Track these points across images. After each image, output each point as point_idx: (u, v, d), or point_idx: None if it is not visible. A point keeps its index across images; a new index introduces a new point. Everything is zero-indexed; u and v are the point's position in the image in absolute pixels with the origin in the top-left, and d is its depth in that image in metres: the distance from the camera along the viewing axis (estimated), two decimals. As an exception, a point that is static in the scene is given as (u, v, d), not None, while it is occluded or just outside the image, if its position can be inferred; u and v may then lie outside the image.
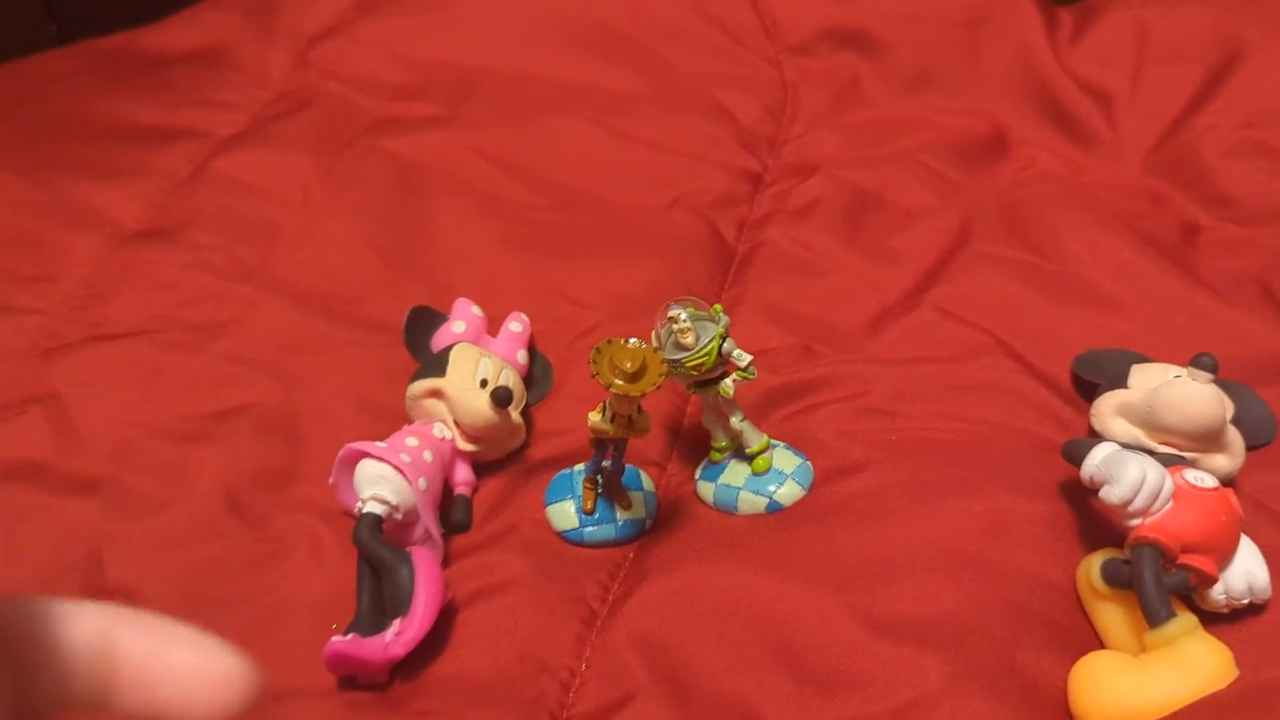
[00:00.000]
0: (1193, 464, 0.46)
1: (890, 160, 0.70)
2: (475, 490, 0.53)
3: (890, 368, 0.56)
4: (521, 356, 0.57)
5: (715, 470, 0.52)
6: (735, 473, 0.52)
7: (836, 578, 0.46)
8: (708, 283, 0.64)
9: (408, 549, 0.46)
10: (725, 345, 0.48)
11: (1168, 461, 0.45)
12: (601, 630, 0.47)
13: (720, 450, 0.52)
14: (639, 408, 0.47)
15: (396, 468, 0.47)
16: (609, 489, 0.51)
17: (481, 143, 0.72)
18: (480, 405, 0.51)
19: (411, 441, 0.49)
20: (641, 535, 0.51)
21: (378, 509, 0.46)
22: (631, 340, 0.45)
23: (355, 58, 0.79)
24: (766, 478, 0.51)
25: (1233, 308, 0.59)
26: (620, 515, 0.51)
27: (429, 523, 0.48)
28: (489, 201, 0.68)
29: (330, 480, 0.50)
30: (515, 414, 0.53)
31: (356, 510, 0.47)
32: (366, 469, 0.47)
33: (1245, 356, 0.55)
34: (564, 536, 0.51)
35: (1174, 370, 0.49)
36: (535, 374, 0.58)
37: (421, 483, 0.48)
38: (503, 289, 0.63)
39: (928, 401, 0.54)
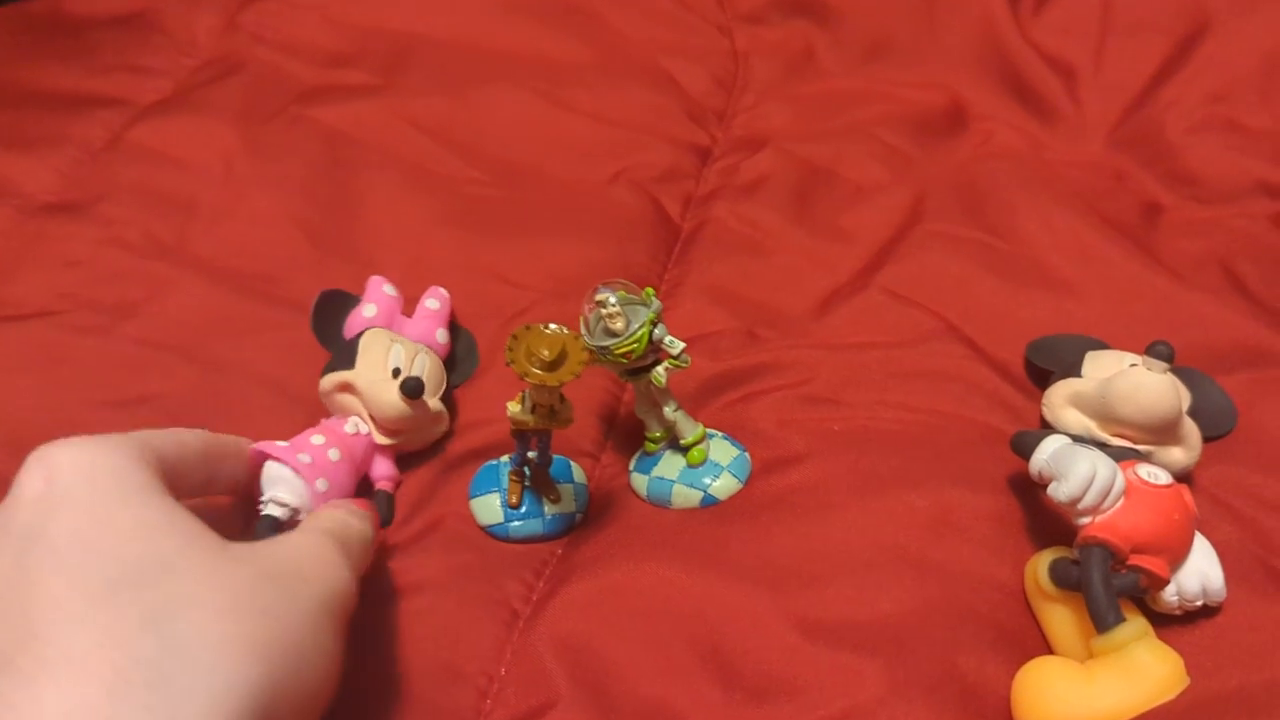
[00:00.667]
0: (1146, 458, 0.44)
1: (843, 134, 0.67)
2: (398, 485, 0.50)
3: (836, 353, 0.54)
4: (441, 336, 0.54)
5: (649, 462, 0.50)
6: (670, 465, 0.49)
7: (771, 577, 0.44)
8: (650, 263, 0.61)
9: None
10: (656, 331, 0.45)
11: (1120, 455, 0.43)
12: (523, 632, 0.44)
13: (655, 441, 0.50)
14: (561, 397, 0.44)
15: (294, 469, 0.44)
16: (537, 481, 0.48)
17: (416, 113, 0.68)
18: (391, 398, 0.48)
19: (316, 440, 0.47)
20: (571, 530, 0.49)
21: (276, 511, 0.44)
22: (551, 326, 0.42)
23: (287, 22, 0.76)
24: (702, 470, 0.49)
25: (1194, 291, 0.56)
26: (549, 509, 0.48)
27: None
28: (422, 175, 0.65)
29: None
30: (435, 401, 0.50)
31: (260, 510, 0.45)
32: (270, 470, 0.45)
33: (1207, 342, 0.53)
34: (489, 531, 0.48)
35: (1129, 358, 0.47)
36: (458, 353, 0.55)
37: (320, 484, 0.45)
38: (434, 267, 0.60)
39: (874, 389, 0.52)
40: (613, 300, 0.44)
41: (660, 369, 0.46)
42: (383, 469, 0.50)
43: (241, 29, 0.76)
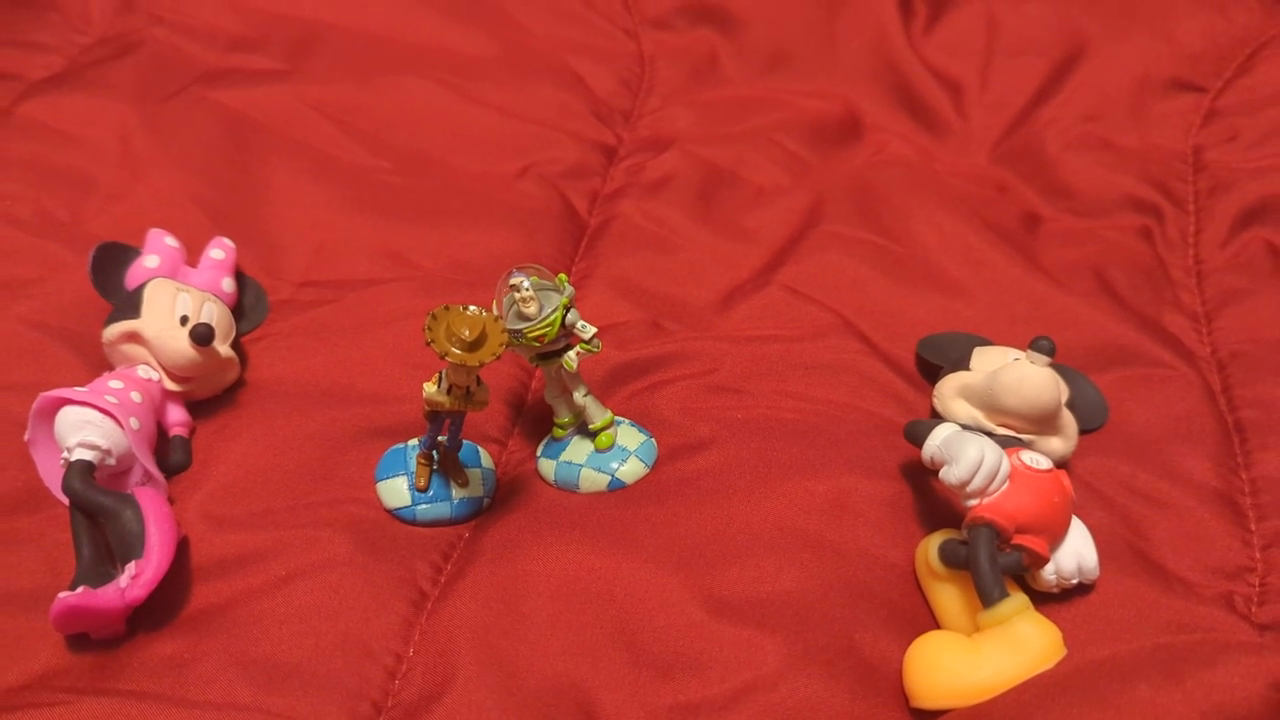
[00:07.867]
0: (1029, 446, 0.47)
1: (744, 138, 0.69)
2: (192, 431, 0.51)
3: (738, 345, 0.56)
4: (227, 285, 0.54)
5: (557, 447, 0.51)
6: (578, 450, 0.50)
7: (677, 557, 0.45)
8: (557, 255, 0.62)
9: (129, 491, 0.43)
10: (569, 316, 0.46)
11: (1005, 443, 0.46)
12: (432, 613, 0.44)
13: (563, 426, 0.51)
14: (478, 379, 0.45)
15: (103, 410, 0.44)
16: (445, 465, 0.48)
17: (321, 100, 0.68)
18: (181, 345, 0.48)
19: (115, 384, 0.47)
20: (478, 514, 0.49)
21: (87, 455, 0.43)
22: (471, 307, 0.43)
23: (187, 3, 0.74)
24: (609, 455, 0.50)
25: (1070, 295, 0.60)
26: (456, 493, 0.48)
27: (147, 464, 0.46)
28: (327, 162, 0.65)
29: (26, 436, 0.46)
30: (225, 348, 0.51)
31: (62, 462, 0.44)
32: (68, 416, 0.44)
33: (1080, 342, 0.57)
34: (395, 514, 0.48)
35: (1014, 353, 0.50)
36: (247, 303, 0.56)
37: (133, 422, 0.45)
38: (340, 252, 0.60)
39: (774, 380, 0.54)
40: (526, 284, 0.45)
41: (572, 354, 0.47)
42: (176, 415, 0.50)
43: (138, 9, 0.74)
